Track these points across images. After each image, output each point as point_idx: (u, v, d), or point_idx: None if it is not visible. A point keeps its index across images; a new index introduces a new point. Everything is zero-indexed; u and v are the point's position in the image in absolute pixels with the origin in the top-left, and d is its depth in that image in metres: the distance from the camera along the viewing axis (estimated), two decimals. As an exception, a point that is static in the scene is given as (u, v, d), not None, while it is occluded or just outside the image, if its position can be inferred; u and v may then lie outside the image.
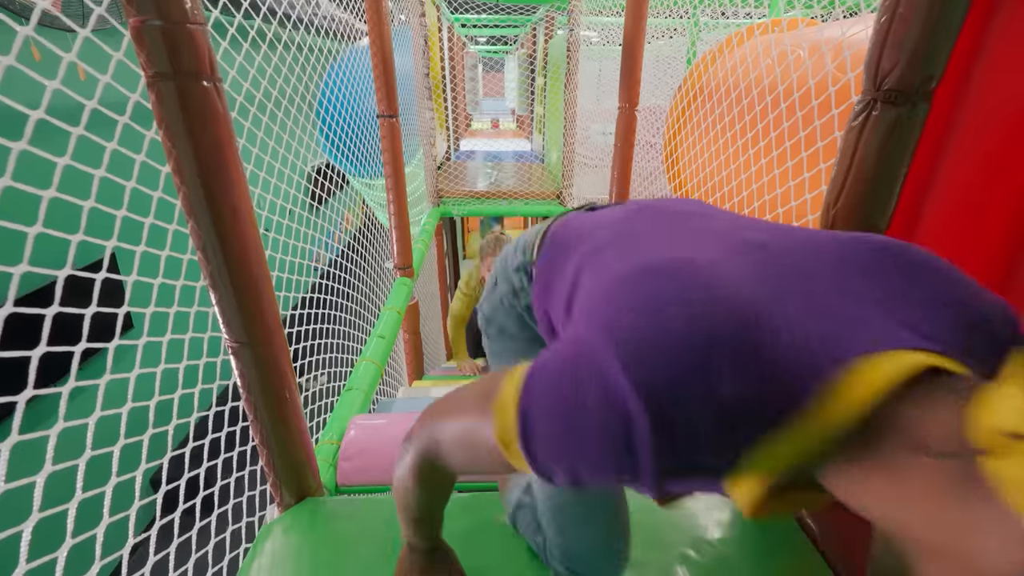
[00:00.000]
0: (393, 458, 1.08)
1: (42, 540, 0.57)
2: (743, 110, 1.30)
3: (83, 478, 0.62)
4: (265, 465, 0.87)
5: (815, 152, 0.97)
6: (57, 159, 0.56)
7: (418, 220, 2.81)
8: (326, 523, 0.86)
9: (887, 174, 0.68)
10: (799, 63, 1.10)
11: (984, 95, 0.64)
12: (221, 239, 0.67)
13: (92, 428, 0.63)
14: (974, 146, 0.66)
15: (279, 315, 0.78)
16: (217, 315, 0.73)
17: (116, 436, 0.70)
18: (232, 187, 0.66)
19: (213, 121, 0.62)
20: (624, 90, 1.84)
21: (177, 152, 0.62)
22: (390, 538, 0.82)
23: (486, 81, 13.57)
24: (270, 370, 0.78)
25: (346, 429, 1.15)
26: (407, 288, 2.02)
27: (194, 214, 0.66)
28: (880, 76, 0.65)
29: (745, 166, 1.27)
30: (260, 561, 0.79)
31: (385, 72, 1.81)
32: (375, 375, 1.45)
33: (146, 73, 0.59)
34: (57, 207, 0.56)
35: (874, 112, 0.67)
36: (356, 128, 2.16)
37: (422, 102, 3.08)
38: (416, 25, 2.89)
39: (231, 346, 0.75)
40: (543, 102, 4.70)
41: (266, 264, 0.74)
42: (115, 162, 0.65)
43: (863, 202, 0.70)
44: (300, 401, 0.86)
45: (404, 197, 2.00)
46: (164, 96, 0.59)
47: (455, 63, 5.05)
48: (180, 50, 0.58)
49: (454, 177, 3.79)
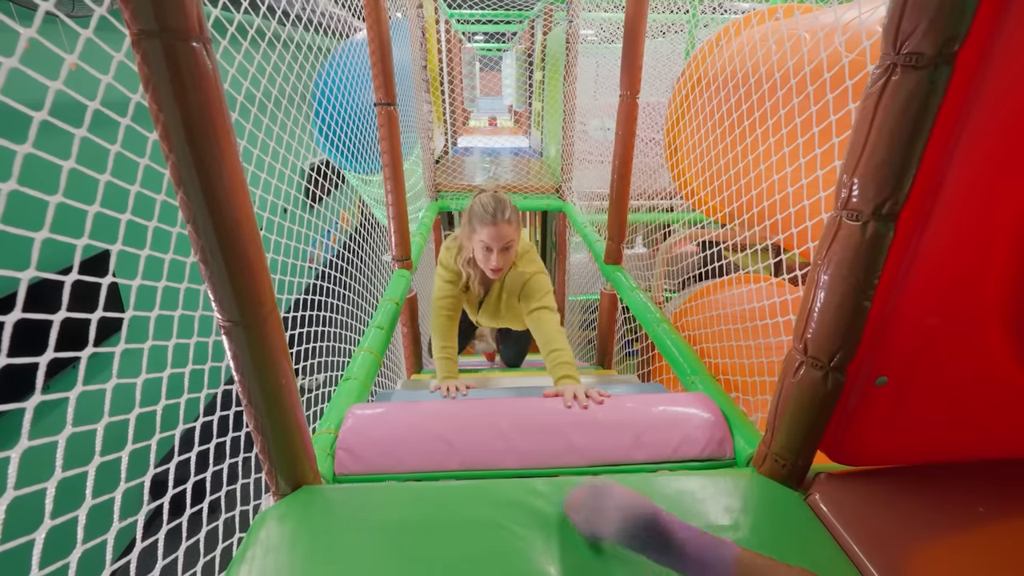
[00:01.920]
0: (392, 447, 1.08)
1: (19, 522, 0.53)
2: (743, 96, 1.29)
3: (62, 457, 0.58)
4: (260, 452, 0.83)
5: (827, 128, 0.95)
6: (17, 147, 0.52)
7: (416, 216, 2.78)
8: (323, 512, 0.83)
9: (906, 144, 0.65)
10: (796, 49, 1.09)
11: (1010, 60, 0.61)
12: (212, 210, 0.63)
13: (72, 403, 0.60)
14: (999, 114, 0.63)
15: (274, 293, 0.74)
16: (208, 293, 0.70)
17: (100, 415, 0.67)
18: (223, 154, 0.63)
19: (203, 83, 0.59)
20: (626, 77, 1.81)
21: (164, 116, 0.59)
22: (388, 528, 0.80)
23: (484, 80, 13.54)
24: (264, 351, 0.75)
25: (344, 418, 1.12)
26: (405, 280, 1.99)
27: (183, 184, 0.62)
28: (900, 38, 0.62)
29: (752, 147, 1.25)
30: (254, 551, 0.76)
31: (383, 59, 1.78)
32: (373, 365, 1.42)
33: (130, 31, 0.55)
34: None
35: (893, 77, 0.64)
36: (353, 122, 2.13)
37: (420, 95, 3.05)
38: (413, 16, 2.86)
39: (223, 326, 0.72)
40: (541, 97, 4.67)
41: (260, 239, 0.71)
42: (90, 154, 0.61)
43: (880, 175, 0.67)
44: (296, 385, 0.83)
45: (402, 186, 1.97)
46: (149, 55, 0.56)
47: (452, 57, 5.02)
48: (166, 5, 0.54)
49: (452, 171, 3.76)
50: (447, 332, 1.53)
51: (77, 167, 0.58)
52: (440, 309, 1.53)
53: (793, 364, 0.82)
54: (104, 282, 0.67)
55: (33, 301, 0.54)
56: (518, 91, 7.17)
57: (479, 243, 1.37)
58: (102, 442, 0.66)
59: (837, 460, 0.86)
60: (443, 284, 1.53)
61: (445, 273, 1.53)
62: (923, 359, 0.77)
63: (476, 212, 1.37)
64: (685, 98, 1.75)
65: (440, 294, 1.53)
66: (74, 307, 0.61)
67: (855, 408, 0.80)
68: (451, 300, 1.53)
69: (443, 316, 1.53)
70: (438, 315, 1.53)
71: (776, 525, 0.79)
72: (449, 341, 1.53)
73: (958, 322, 0.75)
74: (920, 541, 0.74)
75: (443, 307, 1.53)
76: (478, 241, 1.37)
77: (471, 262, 1.48)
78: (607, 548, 0.72)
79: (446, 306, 1.53)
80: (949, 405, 0.81)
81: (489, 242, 1.36)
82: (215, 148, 0.62)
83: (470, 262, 1.48)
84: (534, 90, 5.05)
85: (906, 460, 0.88)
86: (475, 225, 1.37)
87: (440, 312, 1.53)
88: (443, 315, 1.53)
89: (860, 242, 0.69)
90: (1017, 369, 0.77)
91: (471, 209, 1.40)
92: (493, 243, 1.36)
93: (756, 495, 0.84)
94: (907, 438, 0.85)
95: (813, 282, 0.77)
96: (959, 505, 0.80)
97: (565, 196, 3.44)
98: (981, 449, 0.86)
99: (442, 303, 1.53)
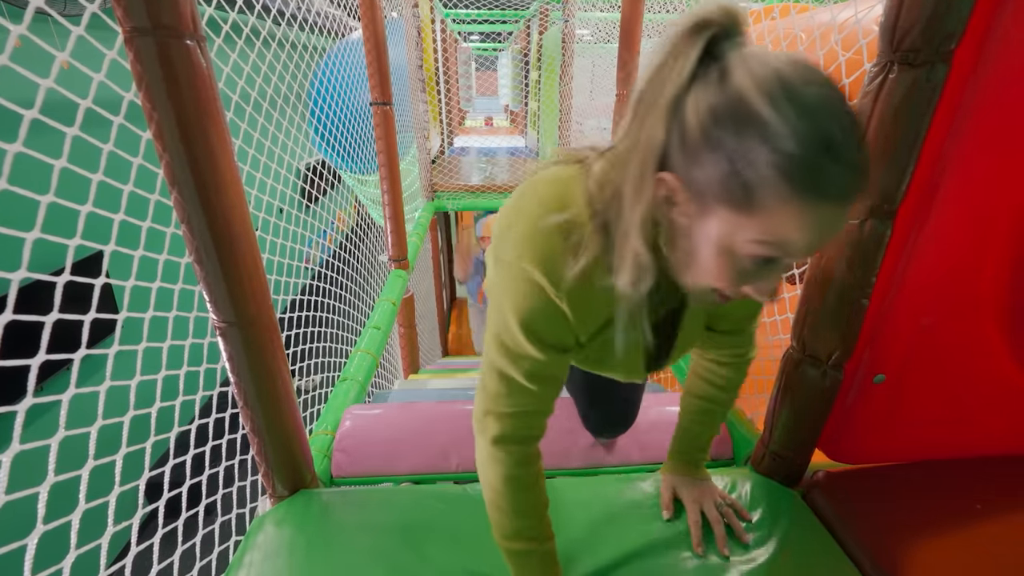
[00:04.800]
0: (389, 449, 1.07)
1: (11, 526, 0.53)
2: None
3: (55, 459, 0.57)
4: (256, 455, 0.83)
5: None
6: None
7: (412, 217, 2.77)
8: (321, 515, 0.82)
9: (904, 141, 0.65)
10: (793, 48, 1.10)
11: (1006, 58, 0.61)
12: (206, 210, 0.63)
13: (65, 406, 0.59)
14: (995, 112, 0.64)
15: (269, 293, 0.74)
16: (203, 294, 0.70)
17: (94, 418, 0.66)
18: (218, 153, 0.62)
19: (197, 81, 0.58)
20: (622, 77, 1.81)
21: (158, 115, 0.58)
22: (385, 530, 0.79)
23: (480, 79, 13.52)
24: (260, 352, 0.74)
25: (341, 420, 1.12)
26: (402, 280, 1.98)
27: (177, 183, 0.62)
28: (897, 36, 0.62)
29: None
30: (252, 555, 0.75)
31: (379, 59, 1.77)
32: (371, 366, 1.42)
33: (123, 28, 0.55)
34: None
35: (890, 75, 0.64)
36: (349, 122, 2.12)
37: (416, 95, 3.04)
38: (409, 16, 2.85)
39: (219, 326, 0.71)
40: (537, 97, 4.67)
41: (255, 238, 0.70)
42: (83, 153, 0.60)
43: (878, 172, 0.67)
44: (293, 387, 0.82)
45: (399, 186, 1.96)
46: (142, 53, 0.55)
47: (448, 56, 5.01)
48: (159, 2, 0.54)
49: (448, 171, 3.75)
50: (532, 485, 0.60)
51: (69, 166, 0.57)
52: (523, 418, 0.56)
53: (791, 362, 0.82)
54: (97, 283, 0.66)
55: (25, 303, 0.54)
56: (514, 91, 7.17)
57: (762, 238, 0.40)
58: (96, 445, 0.65)
59: (835, 458, 0.86)
60: (538, 346, 0.53)
61: (545, 316, 0.52)
62: (920, 357, 0.77)
63: (804, 159, 0.37)
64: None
65: (527, 377, 0.54)
66: (67, 309, 0.60)
67: (853, 406, 0.80)
68: (551, 390, 0.57)
69: (526, 445, 0.58)
70: (516, 435, 0.57)
71: (775, 523, 0.79)
72: (540, 506, 0.62)
73: (955, 320, 0.75)
74: (918, 538, 0.74)
75: (533, 409, 0.57)
76: (768, 230, 0.40)
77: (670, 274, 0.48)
78: (607, 554, 0.72)
79: (540, 408, 0.57)
80: (946, 402, 0.81)
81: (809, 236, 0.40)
82: (209, 147, 0.61)
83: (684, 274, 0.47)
84: (530, 90, 5.05)
85: (904, 458, 0.88)
86: (786, 188, 0.37)
87: (523, 426, 0.57)
88: (527, 438, 0.58)
89: (858, 240, 0.70)
90: (1014, 366, 0.78)
91: (774, 138, 0.37)
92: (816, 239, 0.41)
93: (754, 493, 0.84)
94: (905, 435, 0.85)
95: (811, 280, 0.77)
96: (957, 502, 0.80)
97: (562, 196, 3.43)
98: (978, 446, 0.87)
99: (530, 399, 0.56)
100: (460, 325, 5.53)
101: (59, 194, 0.57)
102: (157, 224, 0.78)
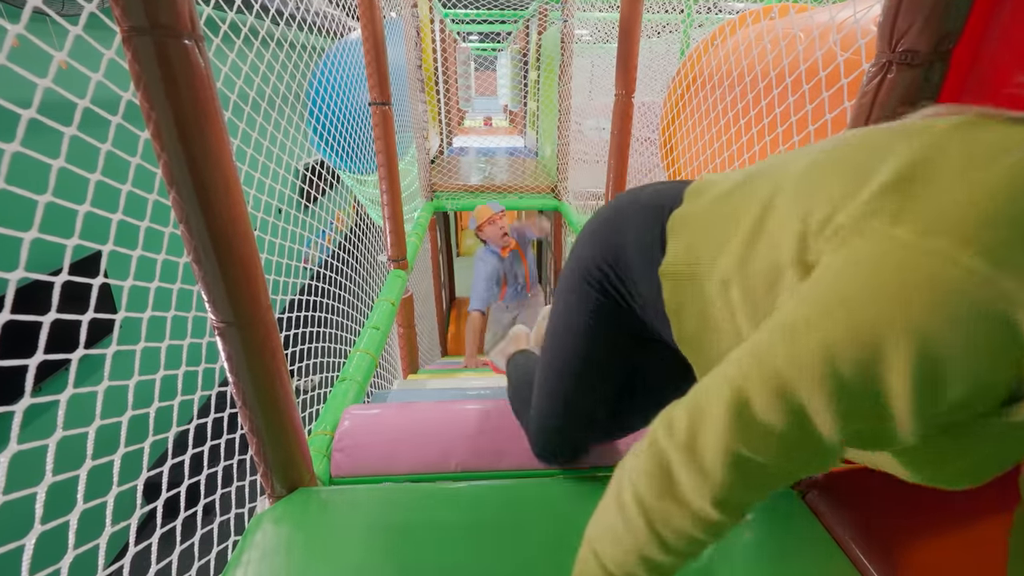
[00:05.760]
0: (389, 449, 1.08)
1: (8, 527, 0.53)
2: (739, 95, 1.29)
3: (52, 459, 0.57)
4: (255, 454, 0.83)
5: (822, 126, 0.95)
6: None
7: (411, 217, 2.77)
8: (319, 514, 0.82)
9: (902, 141, 0.66)
10: (791, 48, 1.10)
11: (1004, 57, 0.61)
12: (205, 210, 0.63)
13: (63, 406, 0.59)
14: (992, 110, 0.64)
15: (268, 293, 0.74)
16: (202, 294, 0.69)
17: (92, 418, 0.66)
18: (216, 153, 0.62)
19: (195, 81, 0.58)
20: (621, 76, 1.81)
21: (156, 115, 0.58)
22: (385, 530, 0.79)
23: (479, 80, 13.53)
24: (259, 352, 0.74)
25: (340, 419, 1.11)
26: (401, 280, 1.98)
27: (175, 183, 0.62)
28: (896, 36, 0.62)
29: (747, 146, 1.26)
30: (250, 554, 0.75)
31: (377, 59, 1.77)
32: (370, 366, 1.42)
33: (121, 28, 0.55)
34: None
35: (889, 75, 0.64)
36: (348, 122, 2.12)
37: (415, 95, 3.04)
38: (408, 16, 2.85)
39: (217, 327, 0.71)
40: (536, 97, 4.67)
41: (253, 238, 0.70)
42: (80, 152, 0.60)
43: (876, 171, 0.68)
44: (291, 386, 0.82)
45: (398, 187, 1.96)
46: (140, 53, 0.55)
47: (447, 56, 5.01)
48: (157, 1, 0.54)
49: (447, 171, 3.76)
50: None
51: (67, 166, 0.57)
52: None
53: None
54: (95, 283, 0.66)
55: (23, 303, 0.53)
56: (513, 91, 7.18)
57: None
58: (94, 445, 0.65)
59: (834, 457, 0.86)
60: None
61: None
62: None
63: None
64: (680, 97, 1.75)
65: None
66: (65, 309, 0.60)
67: (852, 405, 0.80)
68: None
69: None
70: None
71: (774, 523, 0.79)
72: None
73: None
74: (918, 539, 0.74)
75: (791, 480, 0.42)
76: None
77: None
78: None
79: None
80: (945, 402, 0.81)
81: None
82: (208, 147, 0.61)
83: None
84: (529, 90, 5.06)
85: (902, 457, 0.88)
86: None
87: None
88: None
89: (856, 240, 0.70)
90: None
91: None
92: None
93: (754, 493, 0.84)
94: (903, 435, 0.85)
95: (810, 280, 0.77)
96: (958, 503, 0.80)
97: (561, 196, 3.44)
98: (976, 445, 0.87)
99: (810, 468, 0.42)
100: (459, 325, 5.52)
101: (57, 194, 0.57)
102: (155, 224, 0.78)
